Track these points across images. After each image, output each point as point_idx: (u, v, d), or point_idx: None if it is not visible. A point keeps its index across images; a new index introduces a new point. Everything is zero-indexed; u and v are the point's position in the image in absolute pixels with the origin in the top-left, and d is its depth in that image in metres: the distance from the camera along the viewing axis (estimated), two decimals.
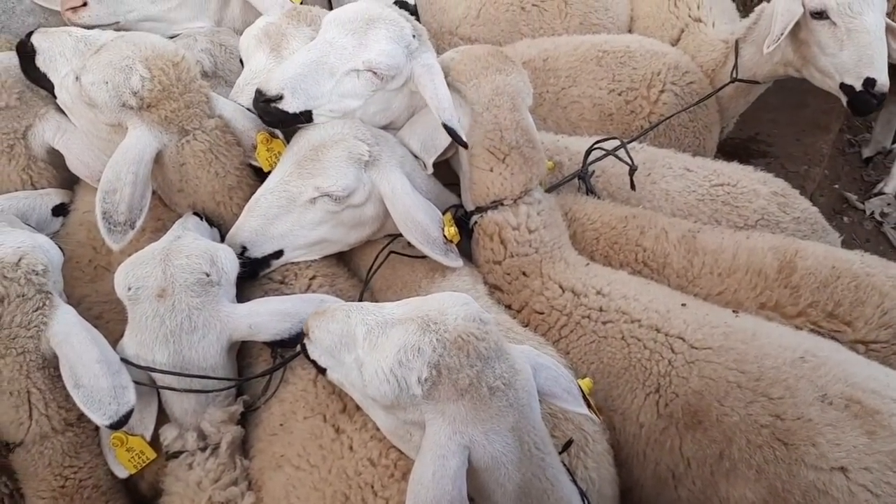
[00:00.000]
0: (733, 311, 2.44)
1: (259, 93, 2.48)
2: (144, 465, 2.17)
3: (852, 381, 2.13)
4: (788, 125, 5.40)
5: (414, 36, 2.58)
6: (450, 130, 2.47)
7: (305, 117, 2.53)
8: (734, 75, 3.52)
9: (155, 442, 2.19)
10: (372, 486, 1.91)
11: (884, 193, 5.23)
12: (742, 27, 3.55)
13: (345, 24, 2.51)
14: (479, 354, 1.73)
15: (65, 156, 2.72)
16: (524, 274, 2.58)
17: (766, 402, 2.14)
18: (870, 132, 5.65)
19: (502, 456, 1.73)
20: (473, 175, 2.63)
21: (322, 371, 2.01)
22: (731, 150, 5.34)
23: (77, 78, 2.46)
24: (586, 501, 1.92)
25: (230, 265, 2.27)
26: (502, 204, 2.60)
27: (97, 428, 2.20)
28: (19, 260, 2.09)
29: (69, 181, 2.86)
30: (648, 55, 3.48)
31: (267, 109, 2.49)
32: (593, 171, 3.01)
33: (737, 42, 3.53)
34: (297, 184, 2.46)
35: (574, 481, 1.94)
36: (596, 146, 2.93)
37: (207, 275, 2.18)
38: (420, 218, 2.49)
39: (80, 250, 2.62)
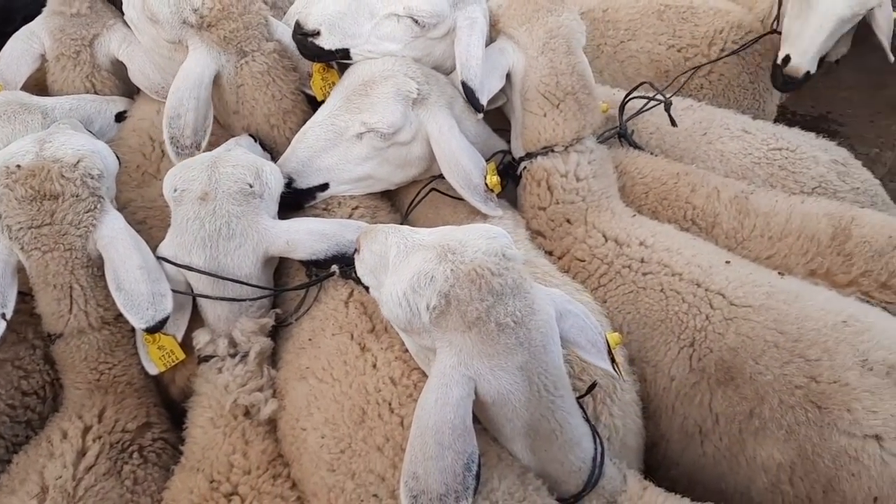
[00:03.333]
0: (779, 273, 2.29)
1: (297, 25, 2.43)
2: (173, 364, 2.17)
3: None
4: (864, 105, 5.08)
5: None
6: (467, 90, 2.37)
7: (342, 54, 2.46)
8: (774, 26, 3.26)
9: (187, 345, 2.18)
10: (389, 404, 1.85)
11: None
12: None
13: None
14: (490, 289, 1.63)
15: (127, 66, 2.74)
16: (568, 221, 2.48)
17: (802, 363, 2.01)
18: None
19: (509, 393, 1.65)
20: (526, 120, 2.53)
21: (367, 288, 1.96)
22: (800, 126, 5.07)
23: None
24: (598, 443, 1.83)
25: (274, 181, 2.23)
26: (553, 150, 2.50)
27: (132, 329, 2.19)
28: (77, 162, 2.09)
29: (128, 93, 2.88)
30: (711, 12, 3.30)
31: (304, 43, 2.44)
32: (633, 130, 2.87)
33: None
34: (344, 118, 2.40)
35: (593, 427, 1.86)
36: (630, 97, 2.79)
37: (250, 186, 2.14)
38: (464, 162, 2.41)
39: (130, 156, 2.63)
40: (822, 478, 1.94)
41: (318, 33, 2.41)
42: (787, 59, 3.08)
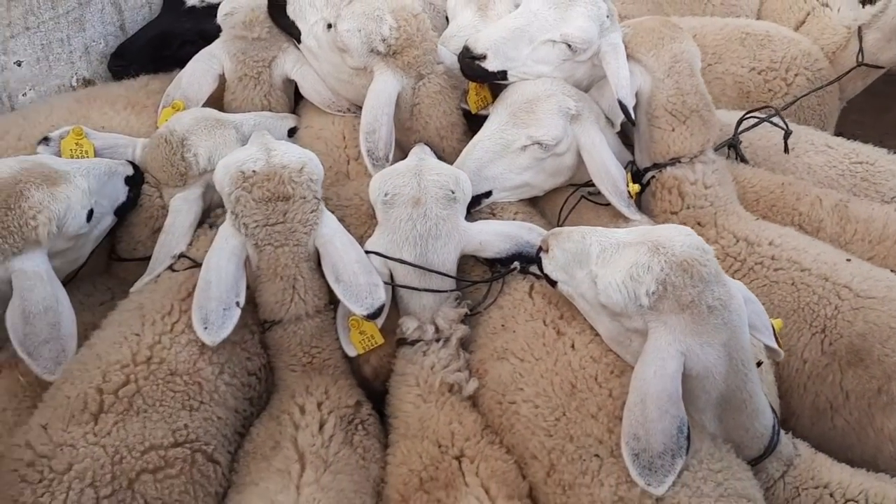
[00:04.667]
0: (892, 271, 2.61)
1: (466, 49, 2.72)
2: (372, 348, 2.43)
3: None
4: (873, 128, 5.43)
5: (608, 16, 2.76)
6: (623, 107, 2.65)
7: (501, 76, 2.75)
8: (860, 59, 3.61)
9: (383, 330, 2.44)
10: (595, 378, 2.12)
11: None
12: (867, 14, 3.64)
13: None
14: (700, 277, 1.94)
15: (300, 84, 3.02)
16: (699, 224, 2.76)
17: None
18: None
19: (713, 367, 1.95)
20: (654, 135, 2.81)
21: (553, 283, 2.24)
22: None
23: (330, 25, 2.72)
24: (776, 415, 2.13)
25: (468, 188, 2.51)
26: (680, 161, 2.79)
27: (335, 317, 2.44)
28: (302, 168, 2.34)
29: (291, 111, 3.16)
30: (786, 40, 3.64)
31: (471, 66, 2.73)
32: (741, 142, 3.18)
33: (860, 28, 3.62)
34: (511, 132, 2.69)
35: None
36: (748, 116, 3.11)
37: (453, 192, 2.42)
38: (613, 171, 2.71)
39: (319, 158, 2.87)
40: None
41: (485, 57, 2.69)
42: None
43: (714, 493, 1.89)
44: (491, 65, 2.71)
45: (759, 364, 2.22)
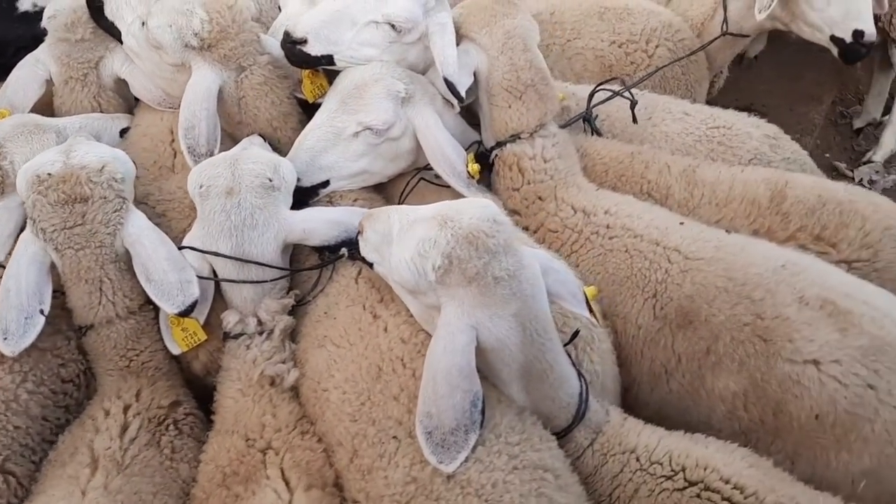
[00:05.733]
0: (726, 231, 2.56)
1: (286, 34, 2.63)
2: (196, 345, 2.36)
3: (828, 285, 2.26)
4: (783, 96, 5.43)
5: None
6: (449, 84, 2.58)
7: (327, 60, 2.67)
8: (724, 29, 3.59)
9: (206, 327, 2.37)
10: (401, 359, 2.07)
11: (872, 161, 5.27)
12: None
13: None
14: (486, 248, 1.87)
15: (130, 83, 2.94)
16: (540, 198, 2.72)
17: (748, 303, 2.27)
18: (861, 104, 5.67)
19: (506, 339, 1.89)
20: (493, 113, 2.76)
21: (371, 265, 2.18)
22: None
23: (143, 23, 2.63)
24: (583, 382, 2.07)
25: (290, 175, 2.44)
26: (520, 137, 2.73)
27: (155, 318, 2.37)
28: (102, 167, 2.26)
29: (128, 110, 3.08)
30: (646, 13, 3.60)
31: (293, 51, 2.64)
32: (597, 115, 3.13)
33: None
34: (342, 119, 2.61)
35: (577, 368, 2.10)
36: (599, 88, 3.06)
37: (270, 180, 2.34)
38: (448, 152, 2.64)
39: (144, 154, 2.81)
40: (771, 402, 2.20)
41: (305, 41, 2.61)
42: (858, 33, 3.25)
43: (507, 465, 1.83)
44: (313, 49, 2.62)
45: (576, 333, 2.17)
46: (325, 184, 2.67)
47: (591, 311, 2.11)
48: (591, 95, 3.08)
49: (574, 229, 2.62)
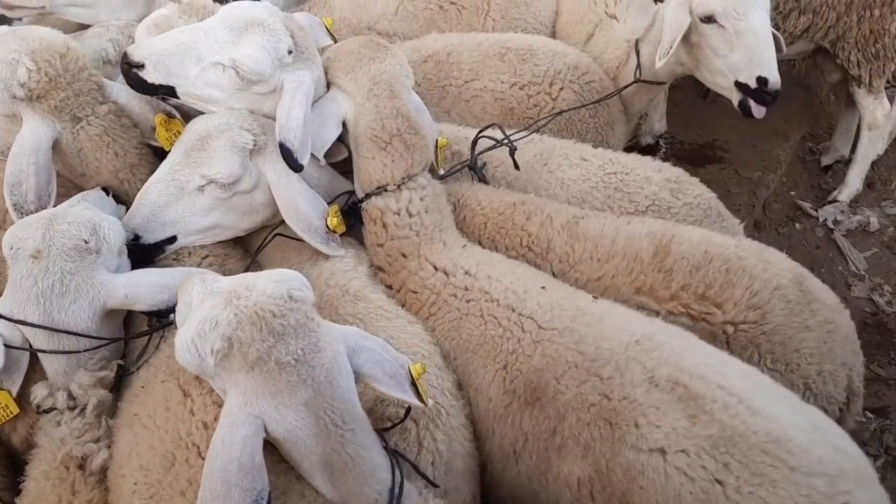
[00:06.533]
0: (593, 297, 2.36)
1: (124, 55, 2.46)
2: (8, 419, 2.18)
3: (682, 364, 2.06)
4: (747, 132, 5.24)
5: (290, 52, 2.48)
6: (284, 150, 2.37)
7: (166, 91, 2.49)
8: (637, 75, 3.40)
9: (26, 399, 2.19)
10: (198, 448, 1.89)
11: (837, 201, 5.05)
12: (640, 27, 3.42)
13: (227, 19, 2.47)
14: (271, 330, 1.69)
15: None
16: (403, 255, 2.54)
17: (597, 381, 2.08)
18: (831, 141, 5.44)
19: (296, 430, 1.71)
20: (359, 164, 2.60)
21: None
22: (685, 154, 5.23)
23: None
24: (399, 473, 1.87)
25: (113, 236, 2.25)
26: (386, 190, 2.56)
27: None
28: None
29: None
30: (550, 54, 3.40)
31: (129, 73, 2.46)
32: (485, 163, 2.95)
33: (637, 42, 3.41)
34: (184, 172, 2.44)
35: (395, 456, 1.91)
36: (481, 135, 2.87)
37: (86, 242, 2.17)
38: (302, 206, 2.46)
39: None
40: (617, 492, 2.00)
41: (142, 66, 2.43)
42: (762, 80, 3.05)
43: None
44: (150, 76, 2.44)
45: (407, 413, 1.99)
46: (172, 240, 2.50)
47: (417, 391, 1.91)
48: (475, 142, 2.90)
49: (433, 290, 2.45)
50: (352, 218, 2.65)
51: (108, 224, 2.26)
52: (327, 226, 2.52)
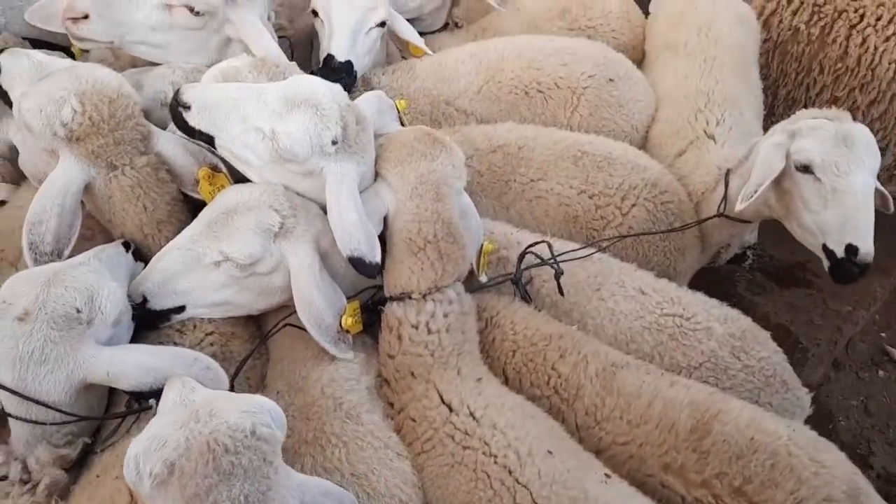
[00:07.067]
0: (605, 476, 2.08)
1: (176, 92, 2.35)
2: None
3: None
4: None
5: (335, 142, 2.30)
6: (355, 262, 2.23)
7: (207, 139, 2.37)
8: (721, 209, 3.03)
9: None
10: None
11: None
12: (735, 156, 3.07)
13: (286, 90, 2.34)
14: (217, 466, 1.53)
15: (20, 152, 2.71)
16: (412, 375, 2.33)
17: None
18: None
19: None
20: (388, 263, 2.41)
21: None
22: (773, 271, 4.81)
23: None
24: None
25: (110, 307, 2.13)
26: (410, 297, 2.36)
27: None
28: None
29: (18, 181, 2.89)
30: (629, 166, 3.10)
31: (175, 110, 2.34)
32: (531, 278, 2.69)
33: (728, 172, 3.05)
34: (203, 244, 2.31)
35: None
36: (529, 250, 2.62)
37: (78, 311, 2.05)
38: (317, 301, 2.29)
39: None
40: None
41: (188, 107, 2.33)
42: (852, 248, 2.62)
43: None
44: (193, 120, 2.33)
45: None
46: (181, 309, 2.38)
47: None
48: (522, 257, 2.65)
49: (432, 424, 2.21)
50: (373, 316, 2.46)
51: (107, 293, 2.13)
52: (341, 325, 2.33)
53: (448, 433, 2.17)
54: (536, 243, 2.65)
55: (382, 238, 2.43)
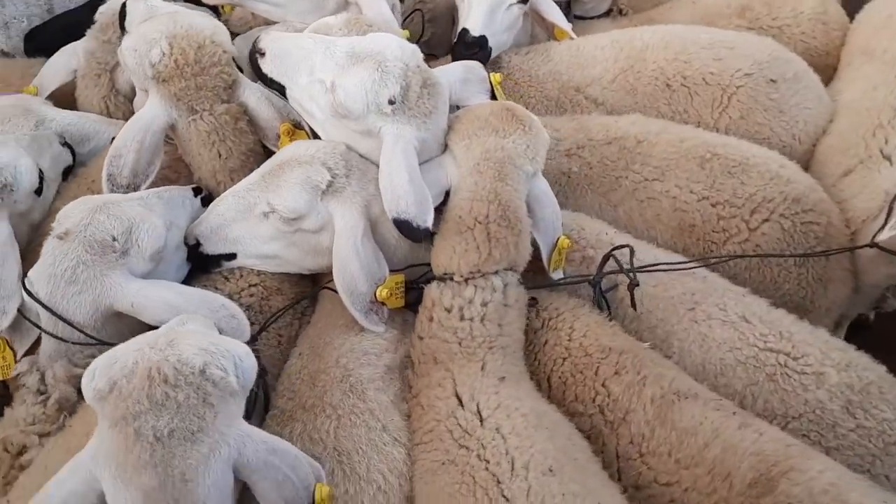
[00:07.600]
0: None
1: (257, 38, 2.38)
2: (9, 377, 2.18)
3: None
4: None
5: (392, 102, 2.17)
6: (400, 224, 2.11)
7: (277, 87, 2.37)
8: (874, 239, 2.44)
9: None
10: None
11: None
12: None
13: (356, 44, 2.26)
14: (151, 395, 1.49)
15: (137, 94, 2.83)
16: (434, 360, 2.12)
17: None
18: None
19: None
20: (436, 240, 2.22)
21: None
22: None
23: None
24: None
25: (148, 241, 2.15)
26: (451, 279, 2.15)
27: None
28: None
29: None
30: (768, 175, 2.60)
31: (252, 55, 2.37)
32: (615, 285, 2.35)
33: (894, 198, 2.44)
34: (255, 194, 2.28)
35: None
36: (613, 253, 2.29)
37: (114, 239, 2.09)
38: (353, 267, 2.17)
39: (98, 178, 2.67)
40: None
41: (263, 54, 2.33)
42: None
43: None
44: (266, 66, 2.33)
45: None
46: (232, 256, 2.36)
47: None
48: (605, 260, 2.33)
49: (437, 415, 1.99)
50: (420, 295, 2.28)
51: (147, 227, 2.16)
52: (375, 296, 2.18)
53: (448, 427, 1.93)
54: (620, 247, 2.32)
55: (441, 212, 2.25)
